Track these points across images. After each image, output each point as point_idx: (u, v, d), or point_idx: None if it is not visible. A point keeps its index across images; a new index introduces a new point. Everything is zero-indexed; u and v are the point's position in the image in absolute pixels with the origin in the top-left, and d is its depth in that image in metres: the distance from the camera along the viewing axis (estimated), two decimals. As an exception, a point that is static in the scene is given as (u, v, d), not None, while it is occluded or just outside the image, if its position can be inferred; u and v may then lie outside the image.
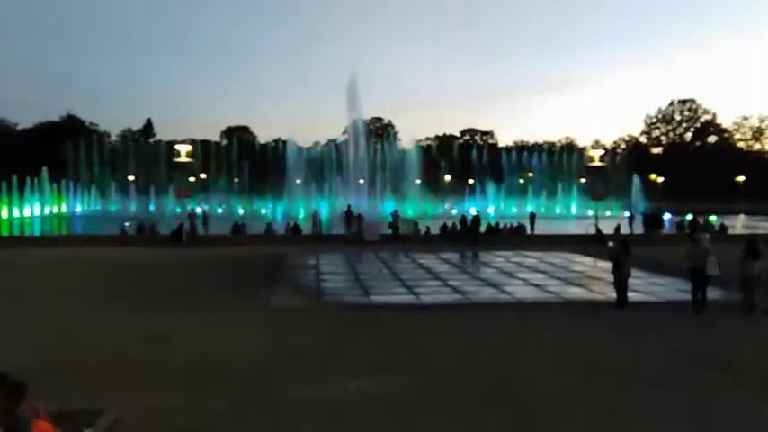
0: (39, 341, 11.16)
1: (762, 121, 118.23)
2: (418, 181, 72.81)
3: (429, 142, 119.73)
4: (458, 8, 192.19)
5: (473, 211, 36.64)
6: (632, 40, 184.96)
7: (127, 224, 39.58)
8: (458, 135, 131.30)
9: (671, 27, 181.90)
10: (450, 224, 36.66)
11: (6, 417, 5.00)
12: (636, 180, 70.68)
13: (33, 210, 60.99)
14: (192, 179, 78.99)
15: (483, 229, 34.87)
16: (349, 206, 38.73)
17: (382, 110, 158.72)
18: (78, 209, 70.04)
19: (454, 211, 55.85)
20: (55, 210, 65.98)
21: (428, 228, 36.74)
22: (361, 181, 62.75)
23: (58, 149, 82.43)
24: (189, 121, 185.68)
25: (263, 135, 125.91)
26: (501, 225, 39.24)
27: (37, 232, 45.46)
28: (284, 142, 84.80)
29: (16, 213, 56.23)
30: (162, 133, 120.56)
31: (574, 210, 68.24)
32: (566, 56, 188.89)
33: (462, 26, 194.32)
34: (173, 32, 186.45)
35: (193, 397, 8.15)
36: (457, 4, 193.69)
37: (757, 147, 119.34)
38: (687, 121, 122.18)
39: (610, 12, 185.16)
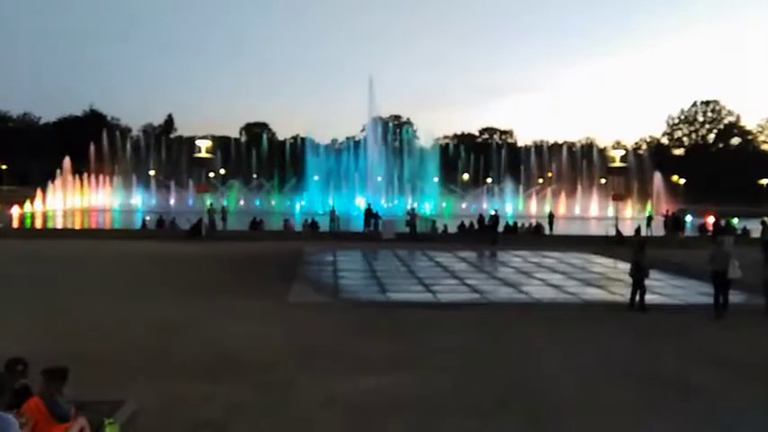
0: (59, 332, 11.29)
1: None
2: (436, 179, 72.64)
3: (447, 140, 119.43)
4: (478, 6, 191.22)
5: (492, 211, 36.48)
6: (655, 39, 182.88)
7: (147, 218, 40.02)
8: (476, 134, 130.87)
9: (695, 27, 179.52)
10: (467, 223, 36.55)
11: (48, 400, 5.09)
12: (659, 181, 69.59)
13: (55, 203, 61.81)
14: (211, 174, 79.61)
15: (501, 228, 34.69)
16: (369, 204, 38.83)
17: (401, 107, 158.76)
18: (100, 202, 70.85)
19: (472, 210, 55.62)
20: (77, 203, 66.83)
21: (446, 226, 36.67)
22: (379, 178, 62.81)
23: (79, 143, 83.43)
24: (209, 117, 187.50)
25: (282, 132, 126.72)
26: (519, 225, 39.06)
27: (59, 225, 46.08)
28: (303, 139, 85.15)
29: (39, 206, 57.02)
30: (183, 129, 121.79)
31: (593, 210, 67.59)
32: (586, 55, 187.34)
33: (482, 24, 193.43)
34: (194, 29, 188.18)
35: (212, 389, 8.21)
36: (477, 2, 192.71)
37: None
38: (710, 123, 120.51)
39: (631, 11, 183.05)
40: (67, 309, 13.47)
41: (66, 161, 66.71)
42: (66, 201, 64.43)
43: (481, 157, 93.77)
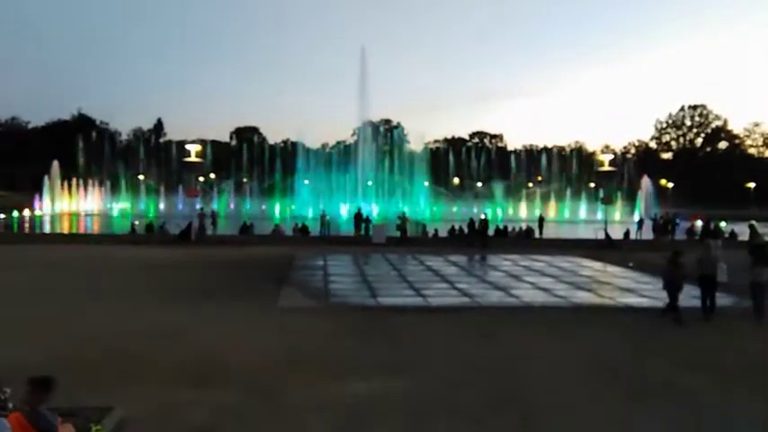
0: (47, 338, 11.21)
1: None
2: (427, 183, 72.76)
3: (438, 144, 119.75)
4: (467, 10, 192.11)
5: (482, 215, 36.57)
6: (643, 44, 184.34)
7: (136, 223, 39.80)
8: (467, 137, 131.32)
9: (683, 32, 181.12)
10: (457, 227, 36.60)
11: (31, 413, 4.98)
12: (648, 185, 69.92)
13: (44, 207, 61.34)
14: (201, 179, 79.31)
15: (491, 232, 34.78)
16: (359, 208, 38.85)
17: (391, 112, 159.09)
18: (89, 207, 70.40)
19: (462, 214, 55.73)
20: (65, 208, 66.36)
21: (436, 230, 36.71)
22: (370, 183, 62.85)
23: (68, 148, 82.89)
24: (199, 121, 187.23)
25: (273, 136, 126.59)
26: (509, 228, 39.17)
27: (47, 230, 45.73)
28: (293, 143, 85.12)
29: (27, 211, 56.54)
30: (172, 133, 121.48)
31: (583, 214, 67.95)
32: (576, 59, 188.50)
33: (472, 28, 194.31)
34: (184, 33, 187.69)
35: (201, 395, 8.16)
36: (466, 7, 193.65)
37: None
38: (698, 127, 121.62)
39: (620, 15, 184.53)
40: (54, 315, 13.36)
41: (55, 166, 66.28)
42: (55, 205, 63.96)
43: (472, 161, 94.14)
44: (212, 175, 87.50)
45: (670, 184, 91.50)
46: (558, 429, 7.43)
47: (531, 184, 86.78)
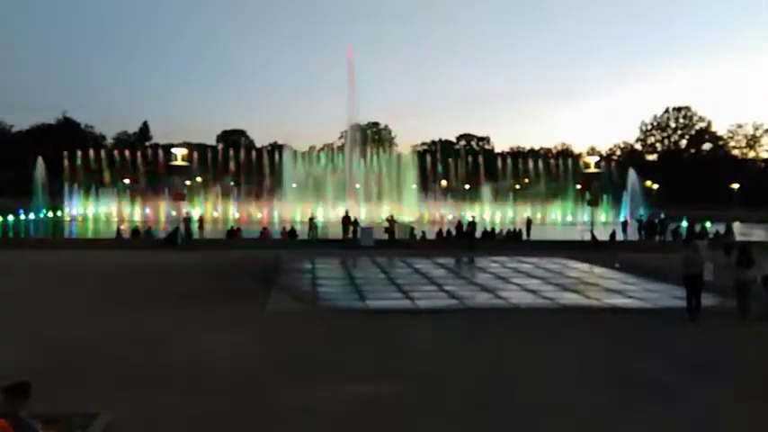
0: (34, 343, 11.09)
1: (756, 128, 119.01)
2: (414, 186, 72.79)
3: (425, 147, 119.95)
4: (455, 14, 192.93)
5: (469, 217, 36.66)
6: (628, 47, 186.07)
7: (122, 227, 39.46)
8: (454, 140, 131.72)
9: (667, 35, 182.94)
10: (445, 229, 36.66)
11: (13, 420, 4.91)
12: (634, 180, 70.14)
13: (27, 212, 60.57)
14: (187, 182, 78.78)
15: (478, 234, 34.88)
16: (347, 211, 38.81)
17: (379, 115, 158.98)
18: (73, 211, 69.69)
19: (450, 217, 55.79)
20: (50, 212, 65.63)
21: (424, 233, 36.73)
22: (357, 186, 62.76)
23: (53, 152, 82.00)
24: (185, 125, 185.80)
25: (260, 139, 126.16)
26: (497, 230, 39.29)
27: (32, 235, 45.19)
28: (280, 146, 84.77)
29: (10, 216, 55.82)
30: (158, 136, 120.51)
31: (569, 216, 68.29)
32: (563, 63, 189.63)
33: (459, 32, 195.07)
34: (169, 36, 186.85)
35: (189, 401, 8.10)
36: (455, 10, 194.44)
37: (752, 154, 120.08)
38: (682, 129, 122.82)
39: (607, 19, 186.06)
40: (40, 320, 13.21)
41: (39, 170, 65.58)
42: (40, 210, 63.21)
43: (459, 163, 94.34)
44: (199, 179, 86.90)
45: (655, 186, 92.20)
46: (546, 429, 7.45)
47: (518, 186, 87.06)
